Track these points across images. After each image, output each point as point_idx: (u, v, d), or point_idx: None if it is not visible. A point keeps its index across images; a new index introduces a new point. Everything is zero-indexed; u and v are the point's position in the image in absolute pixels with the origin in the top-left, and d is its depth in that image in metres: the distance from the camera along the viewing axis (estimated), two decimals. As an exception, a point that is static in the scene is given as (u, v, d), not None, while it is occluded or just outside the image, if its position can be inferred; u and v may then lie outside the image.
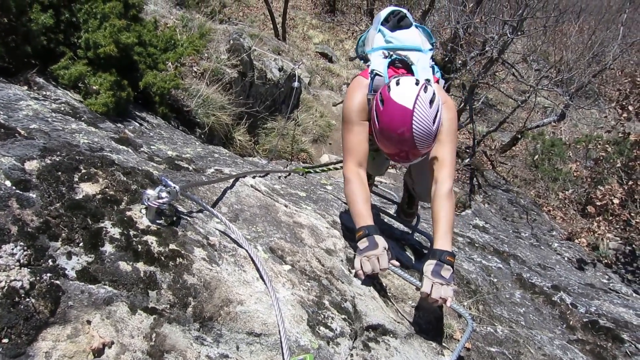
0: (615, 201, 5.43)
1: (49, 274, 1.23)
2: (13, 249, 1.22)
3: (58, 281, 1.23)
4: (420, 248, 2.84)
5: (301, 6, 13.05)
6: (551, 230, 6.44)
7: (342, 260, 2.10)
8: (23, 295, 1.15)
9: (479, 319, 2.35)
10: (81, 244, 1.37)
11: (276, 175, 3.15)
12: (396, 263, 1.97)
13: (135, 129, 2.85)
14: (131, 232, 1.50)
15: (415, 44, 2.27)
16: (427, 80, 1.94)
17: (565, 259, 4.64)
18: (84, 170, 1.65)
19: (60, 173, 1.57)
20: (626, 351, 2.51)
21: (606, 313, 2.92)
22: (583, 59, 8.70)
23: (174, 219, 1.69)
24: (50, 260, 1.27)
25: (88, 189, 1.58)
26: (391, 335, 1.78)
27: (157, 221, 1.61)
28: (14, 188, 1.40)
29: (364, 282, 1.99)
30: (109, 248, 1.41)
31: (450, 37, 9.56)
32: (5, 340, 1.06)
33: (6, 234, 1.25)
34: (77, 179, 1.60)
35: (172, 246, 1.55)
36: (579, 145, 9.27)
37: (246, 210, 2.11)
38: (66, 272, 1.27)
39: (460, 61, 9.19)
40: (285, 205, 2.33)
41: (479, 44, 8.44)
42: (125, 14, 3.10)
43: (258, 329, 1.44)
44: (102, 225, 1.47)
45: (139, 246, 1.47)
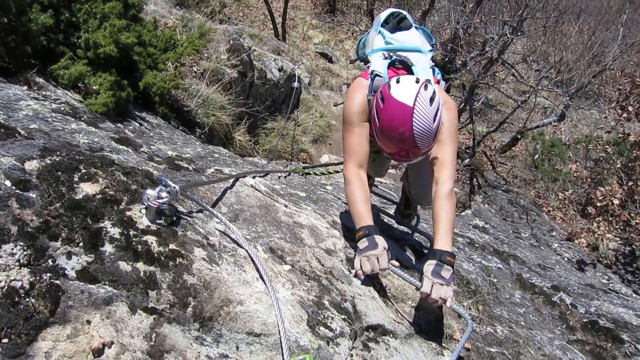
0: (615, 202, 5.43)
1: (48, 274, 1.23)
2: (13, 249, 1.22)
3: (58, 281, 1.23)
4: (420, 248, 2.84)
5: (301, 6, 13.05)
6: (551, 231, 6.44)
7: (342, 261, 2.10)
8: (23, 295, 1.15)
9: (479, 319, 2.35)
10: (81, 244, 1.37)
11: (276, 175, 3.15)
12: (396, 263, 1.97)
13: (135, 129, 2.85)
14: (131, 232, 1.50)
15: (415, 45, 2.27)
16: (427, 80, 1.94)
17: (565, 259, 4.64)
18: (84, 170, 1.65)
19: (60, 173, 1.57)
20: (626, 351, 2.51)
21: (606, 313, 2.92)
22: (583, 60, 8.71)
23: (174, 219, 1.69)
24: (50, 260, 1.27)
25: (88, 189, 1.58)
26: (391, 335, 1.78)
27: (157, 221, 1.61)
28: (14, 188, 1.40)
29: (363, 282, 1.99)
30: (108, 248, 1.41)
31: (450, 38, 9.56)
32: (5, 340, 1.06)
33: (6, 234, 1.25)
34: (77, 179, 1.60)
35: (172, 246, 1.55)
36: (578, 145, 9.26)
37: (246, 210, 2.11)
38: (66, 272, 1.27)
39: (460, 61, 9.19)
40: (285, 206, 2.33)
41: (478, 45, 8.44)
42: (125, 14, 3.10)
43: (258, 329, 1.44)
44: (102, 225, 1.47)
45: (139, 246, 1.47)
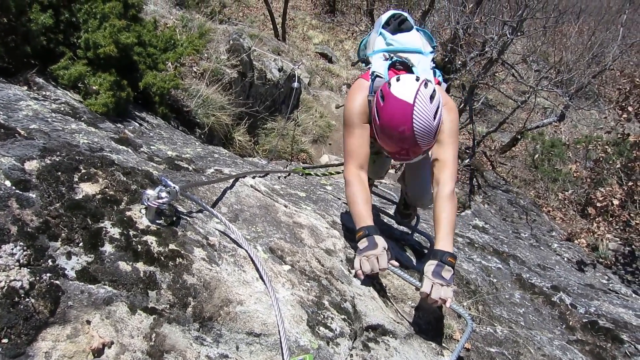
0: (615, 202, 5.43)
1: (48, 274, 1.23)
2: (13, 249, 1.22)
3: (58, 281, 1.23)
4: (420, 248, 2.84)
5: (301, 6, 13.05)
6: (551, 231, 6.44)
7: (342, 261, 2.10)
8: (23, 295, 1.15)
9: (479, 320, 2.35)
10: (81, 244, 1.37)
11: (276, 176, 3.15)
12: (395, 263, 1.97)
13: (135, 129, 2.85)
14: (131, 232, 1.50)
15: (416, 47, 2.28)
16: (428, 80, 1.94)
17: (565, 259, 4.64)
18: (83, 170, 1.65)
19: (60, 173, 1.57)
20: (626, 352, 2.51)
21: (606, 313, 2.92)
22: (583, 60, 8.70)
23: (174, 219, 1.69)
24: (50, 260, 1.27)
25: (88, 189, 1.58)
26: (391, 335, 1.78)
27: (157, 221, 1.61)
28: (14, 188, 1.40)
29: (363, 282, 1.99)
30: (108, 248, 1.41)
31: (450, 38, 9.56)
32: (5, 340, 1.06)
33: (6, 234, 1.25)
34: (77, 179, 1.60)
35: (172, 246, 1.55)
36: (578, 145, 9.27)
37: (246, 210, 2.11)
38: (66, 272, 1.27)
39: (460, 62, 9.19)
40: (285, 206, 2.33)
41: (478, 45, 8.44)
42: (124, 14, 3.10)
43: (258, 329, 1.44)
44: (102, 225, 1.47)
45: (139, 246, 1.47)
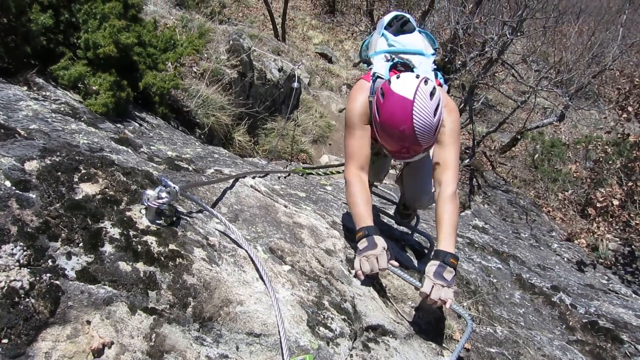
0: (615, 202, 5.43)
1: (48, 274, 1.23)
2: (13, 249, 1.22)
3: (58, 281, 1.23)
4: (420, 248, 2.84)
5: (301, 7, 13.05)
6: (551, 231, 6.44)
7: (342, 261, 2.10)
8: (23, 295, 1.15)
9: (479, 320, 2.35)
10: (81, 244, 1.37)
11: (276, 176, 3.15)
12: (395, 263, 1.97)
13: (135, 129, 2.85)
14: (131, 233, 1.50)
15: (418, 48, 2.28)
16: (428, 78, 1.94)
17: (565, 259, 4.64)
18: (83, 171, 1.65)
19: (60, 173, 1.57)
20: (625, 352, 2.51)
21: (606, 314, 2.92)
22: (582, 60, 8.70)
23: (174, 219, 1.69)
24: (50, 261, 1.27)
25: (88, 189, 1.58)
26: (391, 335, 1.78)
27: (157, 221, 1.61)
28: (14, 188, 1.40)
29: (363, 282, 1.99)
30: (108, 248, 1.41)
31: (450, 38, 9.55)
32: (5, 340, 1.06)
33: (6, 234, 1.25)
34: (77, 179, 1.60)
35: (172, 246, 1.55)
36: (578, 146, 9.27)
37: (246, 210, 2.11)
38: (66, 272, 1.27)
39: (459, 62, 9.19)
40: (285, 206, 2.33)
41: (478, 45, 8.44)
42: (124, 14, 3.10)
43: (258, 329, 1.44)
44: (102, 225, 1.47)
45: (139, 246, 1.47)
